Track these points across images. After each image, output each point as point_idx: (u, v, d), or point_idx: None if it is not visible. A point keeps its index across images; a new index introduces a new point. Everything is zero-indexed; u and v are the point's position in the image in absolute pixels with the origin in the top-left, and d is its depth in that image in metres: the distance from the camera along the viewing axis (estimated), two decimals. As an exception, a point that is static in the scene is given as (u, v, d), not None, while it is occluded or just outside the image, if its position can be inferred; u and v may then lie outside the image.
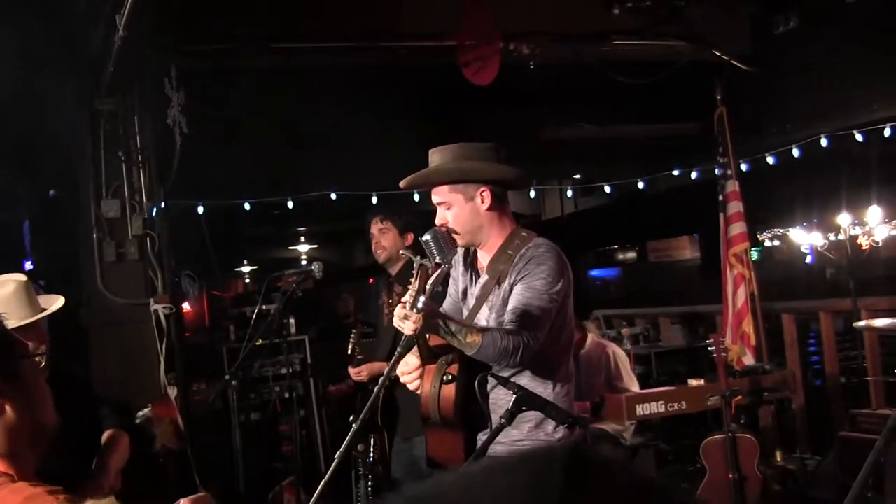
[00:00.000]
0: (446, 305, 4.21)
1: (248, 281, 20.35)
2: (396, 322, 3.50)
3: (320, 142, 9.61)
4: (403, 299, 3.42)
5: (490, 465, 0.76)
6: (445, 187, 3.90)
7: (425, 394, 3.82)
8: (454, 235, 3.85)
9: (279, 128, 9.23)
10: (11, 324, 3.61)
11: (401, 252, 5.89)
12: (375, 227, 6.25)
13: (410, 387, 3.91)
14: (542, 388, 3.75)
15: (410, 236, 6.11)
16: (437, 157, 3.92)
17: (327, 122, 9.22)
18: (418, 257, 3.54)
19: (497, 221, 3.92)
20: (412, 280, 3.40)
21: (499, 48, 7.52)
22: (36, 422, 2.21)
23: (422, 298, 3.33)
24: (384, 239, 6.21)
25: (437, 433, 3.87)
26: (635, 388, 7.32)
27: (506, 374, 3.69)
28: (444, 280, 3.98)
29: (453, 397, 3.75)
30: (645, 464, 7.17)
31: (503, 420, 3.31)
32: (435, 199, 3.93)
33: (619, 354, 7.46)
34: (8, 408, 2.11)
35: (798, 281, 17.06)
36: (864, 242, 9.27)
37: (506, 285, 3.82)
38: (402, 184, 4.00)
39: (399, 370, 3.89)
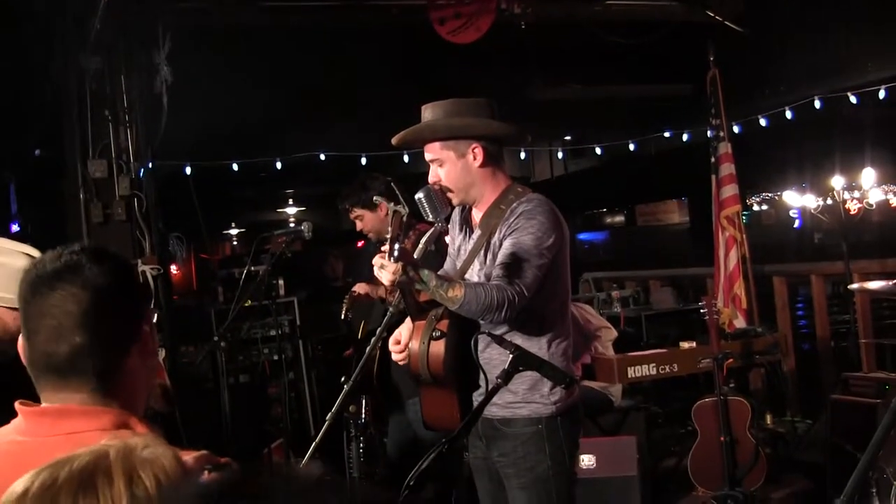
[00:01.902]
0: (447, 266, 4.16)
1: (235, 243, 20.31)
2: (376, 272, 3.44)
3: (309, 102, 9.53)
4: (383, 248, 3.35)
5: None
6: (437, 144, 3.82)
7: (414, 351, 3.73)
8: (448, 193, 3.80)
9: (268, 88, 9.14)
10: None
11: (392, 208, 5.81)
12: (351, 217, 6.21)
13: (398, 361, 3.85)
14: (538, 348, 3.69)
15: (382, 206, 6.01)
16: (429, 113, 3.84)
17: (315, 83, 9.13)
18: (391, 204, 3.47)
19: (490, 178, 3.85)
20: (388, 228, 3.33)
21: (493, 6, 7.43)
22: (154, 378, 2.17)
23: (397, 245, 3.26)
24: (364, 224, 6.17)
25: (430, 393, 3.80)
26: (605, 323, 7.32)
27: (500, 331, 3.64)
28: (438, 239, 3.92)
29: (443, 354, 3.66)
30: (636, 426, 7.14)
31: (499, 380, 3.25)
32: (427, 156, 3.86)
33: (579, 305, 7.48)
34: (152, 361, 2.04)
35: (786, 245, 17.09)
36: (853, 207, 9.22)
37: (496, 240, 3.75)
38: (393, 140, 3.93)
39: (392, 340, 3.85)
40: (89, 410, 1.92)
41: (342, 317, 6.44)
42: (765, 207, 19.47)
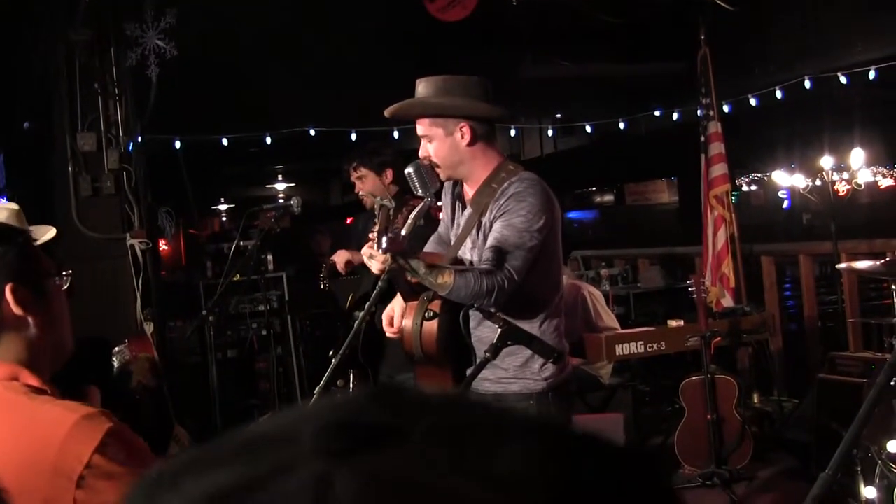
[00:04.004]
0: (441, 230, 4.19)
1: (224, 219, 20.29)
2: (365, 260, 3.48)
3: (299, 77, 9.50)
4: (371, 235, 3.38)
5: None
6: (427, 120, 3.83)
7: (407, 331, 3.78)
8: (436, 169, 3.81)
9: (258, 63, 9.12)
10: None
11: (379, 202, 5.82)
12: (353, 176, 6.19)
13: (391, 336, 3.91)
14: (529, 325, 3.69)
15: (389, 172, 6.02)
16: (421, 87, 3.85)
17: (305, 58, 9.11)
18: (378, 198, 3.50)
19: (480, 156, 3.85)
20: (376, 220, 3.36)
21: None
22: (57, 341, 2.22)
23: (384, 238, 3.27)
24: (365, 185, 6.14)
25: (425, 370, 3.84)
26: (615, 324, 7.32)
27: (492, 308, 3.65)
28: (427, 213, 3.93)
29: (435, 334, 3.71)
30: (623, 404, 7.18)
31: (487, 354, 3.27)
32: (418, 130, 3.87)
33: (595, 294, 7.44)
34: (32, 321, 2.10)
35: (775, 225, 17.13)
36: (841, 188, 9.26)
37: (486, 220, 3.76)
38: (386, 112, 3.95)
39: (385, 318, 3.89)
40: None
41: (321, 286, 6.45)
42: (754, 188, 19.51)
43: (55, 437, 1.89)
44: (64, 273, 2.32)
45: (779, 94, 8.83)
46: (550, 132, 14.00)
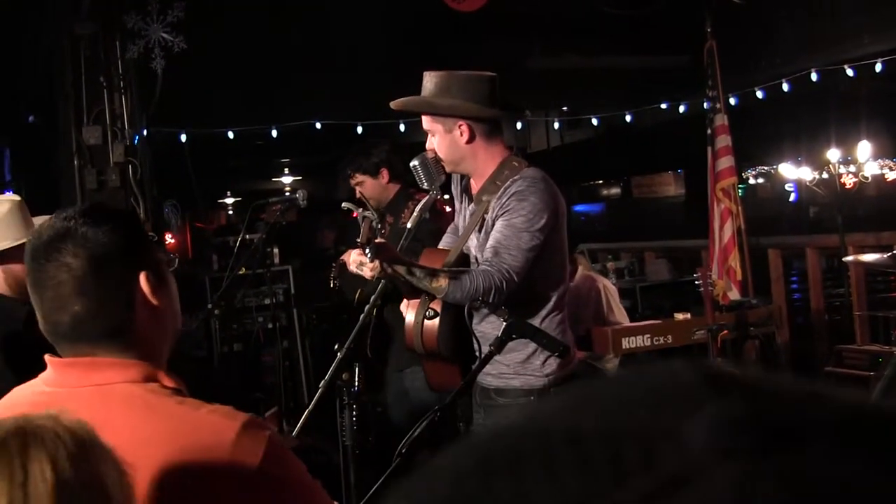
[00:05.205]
0: (457, 221, 4.21)
1: (231, 213, 20.29)
2: (357, 268, 3.52)
3: (305, 70, 9.49)
4: (358, 241, 3.41)
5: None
6: (428, 117, 3.87)
7: (409, 327, 3.83)
8: (441, 163, 3.83)
9: (264, 55, 9.10)
10: (6, 244, 3.56)
11: (362, 213, 5.82)
12: (352, 184, 6.19)
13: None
14: (532, 320, 3.68)
15: (385, 171, 6.01)
16: (426, 82, 3.87)
17: (312, 50, 9.10)
18: (361, 209, 3.54)
19: (482, 152, 3.85)
20: (361, 231, 3.40)
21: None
22: (174, 331, 2.15)
23: (368, 248, 3.34)
24: (365, 191, 6.14)
25: (432, 365, 3.89)
26: (626, 321, 7.29)
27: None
28: (433, 206, 3.94)
29: (436, 332, 3.75)
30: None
31: (492, 347, 3.27)
32: (423, 124, 3.90)
33: (610, 288, 7.41)
34: (161, 312, 2.02)
35: (781, 218, 17.08)
36: (848, 181, 9.24)
37: (489, 218, 3.78)
38: (392, 104, 3.97)
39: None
40: (118, 363, 1.94)
41: (331, 285, 6.44)
42: (760, 180, 19.44)
43: (222, 449, 1.82)
44: (172, 260, 2.25)
45: (785, 87, 8.82)
46: (557, 125, 14.01)
